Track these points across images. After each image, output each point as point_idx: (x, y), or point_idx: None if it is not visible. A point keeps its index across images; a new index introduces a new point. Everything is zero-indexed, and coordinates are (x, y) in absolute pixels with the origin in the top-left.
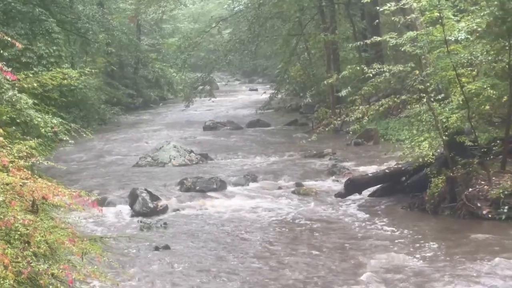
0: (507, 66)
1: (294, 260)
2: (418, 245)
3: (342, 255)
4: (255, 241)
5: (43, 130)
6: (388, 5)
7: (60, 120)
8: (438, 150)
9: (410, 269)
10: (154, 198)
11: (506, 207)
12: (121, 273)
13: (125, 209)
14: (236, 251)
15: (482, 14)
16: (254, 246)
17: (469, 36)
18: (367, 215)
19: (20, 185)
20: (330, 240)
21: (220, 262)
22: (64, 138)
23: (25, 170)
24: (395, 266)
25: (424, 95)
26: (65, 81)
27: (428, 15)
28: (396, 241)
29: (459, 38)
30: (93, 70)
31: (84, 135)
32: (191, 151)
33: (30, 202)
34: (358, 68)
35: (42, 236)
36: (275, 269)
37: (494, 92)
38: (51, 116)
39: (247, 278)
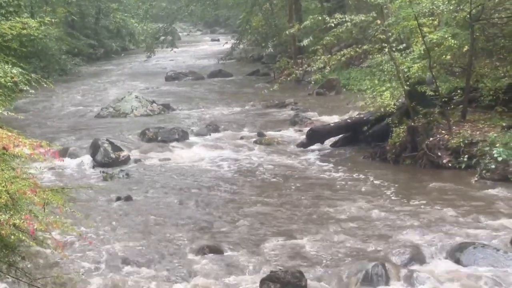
0: (468, 15)
1: (256, 210)
2: (379, 194)
3: (304, 204)
4: (216, 191)
5: (3, 80)
6: None
7: (20, 70)
8: (400, 100)
9: (371, 218)
10: (116, 148)
11: (466, 156)
12: (83, 223)
13: (87, 159)
14: (197, 201)
15: None
16: (215, 196)
17: None
18: (329, 165)
19: None
20: (292, 190)
21: (181, 212)
22: (25, 89)
23: None
24: (357, 215)
25: (386, 45)
26: (25, 31)
27: None
28: (358, 190)
29: None
30: (53, 20)
31: (45, 85)
32: (153, 102)
33: None
34: (320, 18)
35: (3, 187)
36: (237, 219)
37: (455, 41)
38: (10, 66)
39: (208, 227)
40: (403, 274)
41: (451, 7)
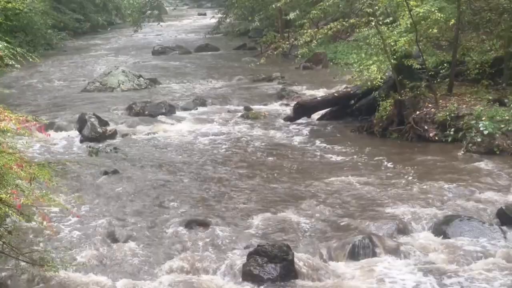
0: None
1: (243, 184)
2: (366, 167)
3: (291, 178)
4: (203, 165)
5: None
6: None
7: (6, 44)
8: (387, 74)
9: (358, 192)
10: (103, 123)
11: (452, 129)
12: (70, 197)
13: (74, 134)
14: (184, 175)
15: None
16: (202, 170)
17: None
18: (316, 139)
19: None
20: (279, 163)
21: (168, 186)
22: (10, 63)
23: None
24: (343, 188)
25: (373, 18)
26: (10, 4)
27: None
28: (345, 163)
29: None
30: None
31: (31, 60)
32: (140, 76)
33: None
34: None
35: None
36: (224, 193)
37: (442, 15)
38: None
39: (195, 201)
40: (389, 247)
41: None
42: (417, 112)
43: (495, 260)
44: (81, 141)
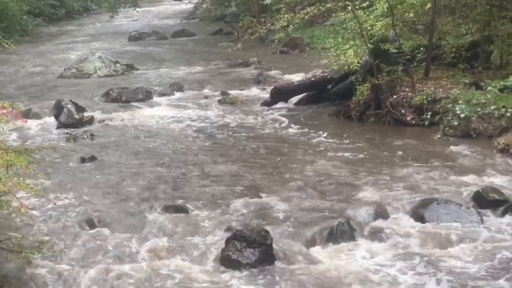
0: None
1: (221, 169)
2: (343, 152)
3: (268, 163)
4: (181, 150)
5: None
6: None
7: None
8: (363, 58)
9: (336, 176)
10: (80, 109)
11: (429, 113)
12: (47, 184)
13: (50, 120)
14: (162, 161)
15: None
16: (180, 155)
17: None
18: (293, 123)
19: None
20: (256, 148)
21: (146, 172)
22: None
23: None
24: (321, 173)
25: (349, 3)
26: None
27: None
28: (322, 148)
29: None
30: None
31: (6, 46)
32: (117, 62)
33: None
34: None
35: None
36: (202, 178)
37: None
38: None
39: (173, 187)
40: (367, 231)
41: None
42: (394, 96)
43: (472, 243)
44: (58, 128)
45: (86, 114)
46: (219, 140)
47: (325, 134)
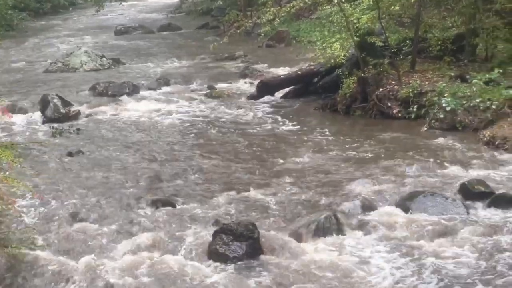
0: None
1: (208, 163)
2: (330, 145)
3: (255, 157)
4: (168, 144)
5: None
6: None
7: None
8: (349, 51)
9: (323, 169)
10: (66, 103)
11: (415, 106)
12: (34, 179)
13: (37, 115)
14: (149, 155)
15: None
16: (167, 149)
17: None
18: (280, 117)
19: None
20: (243, 142)
21: (133, 166)
22: None
23: None
24: (308, 166)
25: None
26: None
27: None
28: (309, 142)
29: None
30: None
31: None
32: (103, 56)
33: None
34: None
35: None
36: (189, 172)
37: None
38: None
39: (160, 181)
40: (355, 224)
41: None
42: (380, 89)
43: (458, 235)
44: (44, 122)
45: (72, 108)
46: (205, 134)
47: (311, 128)
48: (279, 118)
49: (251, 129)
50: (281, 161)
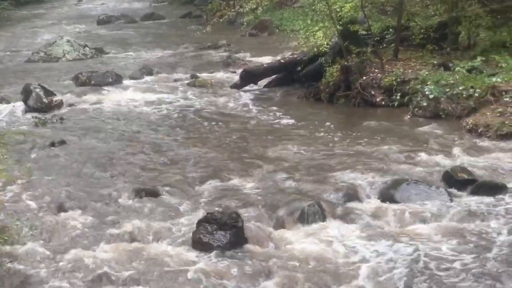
0: None
1: (191, 152)
2: (314, 133)
3: (239, 146)
4: (151, 134)
5: None
6: None
7: None
8: (333, 40)
9: (307, 158)
10: (49, 93)
11: (399, 94)
12: (17, 168)
13: (19, 105)
14: (132, 145)
15: None
16: (150, 138)
17: None
18: (263, 106)
19: None
20: (227, 131)
21: (117, 156)
22: None
23: None
24: (292, 155)
25: None
26: None
27: None
28: (292, 130)
29: None
30: None
31: None
32: (86, 46)
33: None
34: None
35: None
36: (173, 161)
37: None
38: None
39: (144, 171)
40: (338, 212)
41: None
42: (364, 78)
43: (442, 223)
44: (26, 112)
45: (55, 98)
46: (189, 123)
47: (295, 116)
48: (262, 107)
49: (234, 118)
50: (264, 149)
